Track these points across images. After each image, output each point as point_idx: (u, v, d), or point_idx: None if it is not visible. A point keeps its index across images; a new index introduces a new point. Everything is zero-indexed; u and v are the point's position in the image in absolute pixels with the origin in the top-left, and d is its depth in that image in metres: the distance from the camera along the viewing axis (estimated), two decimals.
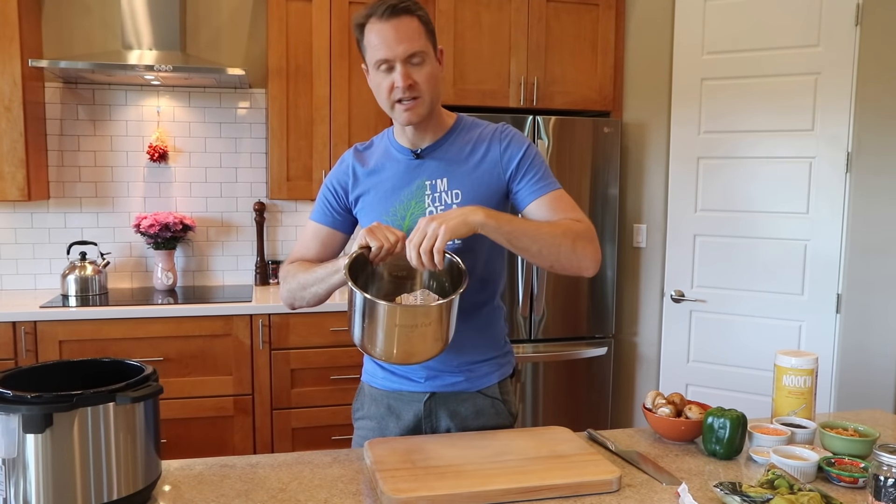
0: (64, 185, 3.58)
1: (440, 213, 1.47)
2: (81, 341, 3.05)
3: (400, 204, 1.67)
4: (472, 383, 1.73)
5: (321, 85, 3.46)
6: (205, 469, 1.46)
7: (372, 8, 1.57)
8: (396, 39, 1.54)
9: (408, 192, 1.67)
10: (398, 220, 1.66)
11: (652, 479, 1.43)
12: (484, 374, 1.74)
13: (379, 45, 1.55)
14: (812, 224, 3.19)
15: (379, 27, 1.55)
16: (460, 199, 1.64)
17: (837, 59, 3.09)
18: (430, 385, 1.71)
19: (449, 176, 1.66)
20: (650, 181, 3.70)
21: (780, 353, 1.70)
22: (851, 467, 1.42)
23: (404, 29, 1.55)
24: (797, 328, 3.25)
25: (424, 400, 1.71)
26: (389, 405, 1.73)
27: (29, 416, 1.15)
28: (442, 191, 1.66)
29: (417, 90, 1.57)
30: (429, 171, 1.67)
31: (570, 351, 3.62)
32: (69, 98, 3.55)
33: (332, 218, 1.77)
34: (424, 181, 1.67)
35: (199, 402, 3.18)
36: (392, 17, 1.54)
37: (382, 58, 1.55)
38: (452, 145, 1.69)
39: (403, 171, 1.69)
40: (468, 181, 1.66)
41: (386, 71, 1.57)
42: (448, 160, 1.68)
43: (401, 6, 1.55)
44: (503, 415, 1.77)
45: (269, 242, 3.82)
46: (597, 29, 3.65)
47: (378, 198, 1.70)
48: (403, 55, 1.54)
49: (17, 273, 3.56)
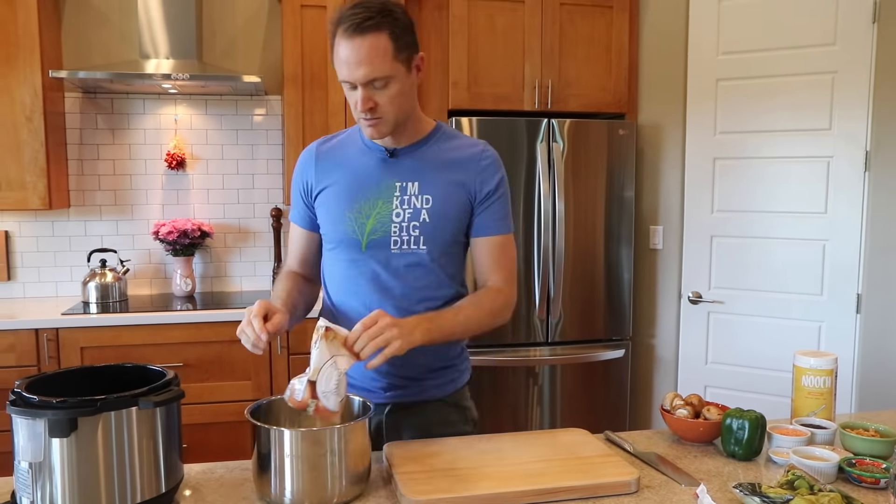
0: (84, 194, 3.62)
1: (398, 321, 1.41)
2: (102, 347, 3.09)
3: (366, 201, 1.61)
4: (433, 392, 1.70)
5: (336, 91, 3.48)
6: (226, 473, 1.47)
7: (342, 14, 1.47)
8: (357, 62, 1.45)
9: (375, 191, 1.61)
10: (362, 217, 1.61)
11: (671, 481, 1.42)
12: (447, 381, 1.73)
13: (341, 63, 1.48)
14: (831, 224, 3.16)
15: (344, 44, 1.46)
16: (430, 204, 1.61)
17: (854, 58, 3.07)
18: (391, 396, 1.68)
19: (421, 180, 1.61)
20: (666, 183, 3.69)
21: (799, 354, 1.69)
22: (873, 468, 1.41)
23: (367, 50, 1.45)
24: (817, 329, 3.23)
25: (385, 412, 1.68)
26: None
27: (54, 421, 1.17)
28: (412, 194, 1.61)
29: (379, 112, 1.51)
30: (400, 172, 1.62)
31: (588, 353, 3.61)
32: (88, 107, 3.60)
33: (308, 219, 1.73)
34: (395, 181, 1.62)
35: (218, 406, 3.20)
36: (356, 34, 1.44)
37: (344, 79, 1.49)
38: (428, 150, 1.65)
39: (373, 168, 1.63)
40: (440, 189, 1.62)
41: (350, 89, 1.51)
42: (422, 164, 1.63)
43: (367, 23, 1.44)
44: (466, 421, 1.76)
45: (286, 248, 3.84)
46: (611, 31, 3.65)
47: (342, 192, 1.63)
48: (363, 80, 1.47)
49: (39, 281, 3.60)
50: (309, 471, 1.27)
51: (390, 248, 1.61)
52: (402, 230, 1.60)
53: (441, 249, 1.63)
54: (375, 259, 1.62)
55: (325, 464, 1.28)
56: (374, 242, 1.61)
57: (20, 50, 3.15)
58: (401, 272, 1.62)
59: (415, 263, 1.62)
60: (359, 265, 1.63)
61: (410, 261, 1.62)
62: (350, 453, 1.30)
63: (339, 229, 1.63)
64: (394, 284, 1.62)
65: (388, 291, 1.63)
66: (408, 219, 1.60)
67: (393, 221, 1.60)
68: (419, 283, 1.63)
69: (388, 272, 1.62)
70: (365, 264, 1.63)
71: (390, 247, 1.61)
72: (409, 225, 1.60)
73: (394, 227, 1.60)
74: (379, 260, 1.62)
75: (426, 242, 1.61)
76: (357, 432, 1.32)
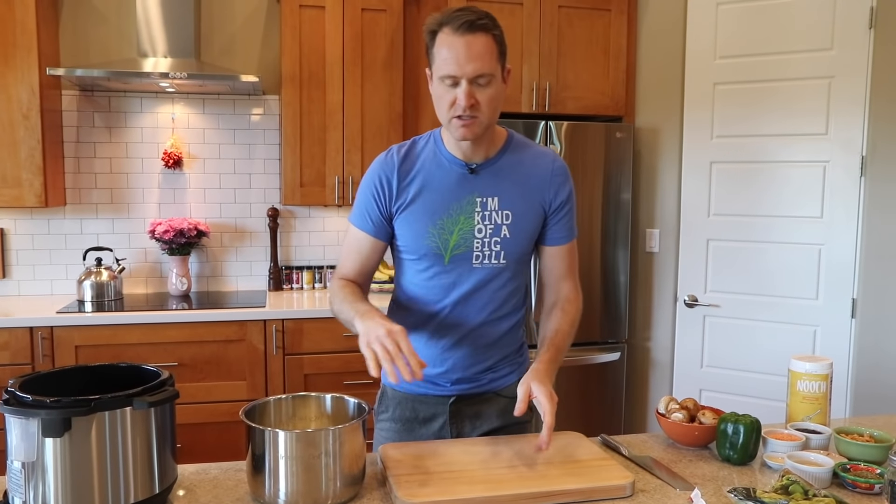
0: (80, 192, 3.62)
1: (552, 391, 1.50)
2: (97, 346, 3.08)
3: (448, 217, 1.64)
4: (495, 384, 1.77)
5: (334, 91, 3.48)
6: (220, 473, 1.47)
7: (448, 17, 1.53)
8: (467, 57, 1.50)
9: (457, 206, 1.64)
10: (445, 233, 1.64)
11: (665, 485, 1.42)
12: (505, 374, 1.78)
13: (448, 59, 1.51)
14: (827, 228, 3.17)
15: (451, 40, 1.51)
16: (510, 220, 1.67)
17: (851, 63, 3.08)
18: (456, 388, 1.74)
19: (500, 195, 1.66)
20: (663, 186, 3.69)
21: (794, 358, 1.69)
22: (867, 473, 1.42)
23: (477, 47, 1.51)
24: (812, 333, 3.23)
25: (450, 403, 1.74)
26: (415, 408, 1.75)
27: (48, 421, 1.17)
28: (493, 209, 1.65)
29: (477, 110, 1.54)
30: (480, 188, 1.66)
31: (584, 356, 3.61)
32: (85, 105, 3.59)
33: (373, 225, 1.69)
34: (475, 197, 1.65)
35: (213, 406, 3.20)
36: (467, 32, 1.51)
37: (450, 74, 1.52)
38: (505, 164, 1.68)
39: (455, 184, 1.65)
40: (519, 204, 1.67)
41: (450, 85, 1.53)
42: (500, 179, 1.67)
43: (479, 22, 1.51)
44: (525, 412, 1.79)
45: (282, 248, 3.84)
46: (609, 34, 3.65)
47: (425, 207, 1.65)
48: (472, 75, 1.51)
49: (34, 279, 3.59)
50: (303, 472, 1.27)
51: (472, 262, 1.67)
52: (484, 245, 1.66)
53: (517, 260, 1.71)
54: (457, 272, 1.68)
55: (320, 465, 1.27)
56: (457, 257, 1.66)
57: (18, 48, 3.15)
58: (480, 283, 1.69)
59: (494, 275, 1.69)
60: (440, 277, 1.68)
61: (490, 273, 1.68)
62: (344, 455, 1.30)
63: (422, 244, 1.66)
64: (472, 293, 1.69)
65: (466, 299, 1.69)
66: (489, 234, 1.66)
67: (475, 237, 1.65)
68: (496, 293, 1.70)
69: (469, 283, 1.68)
70: (447, 276, 1.68)
71: (472, 261, 1.67)
72: (490, 241, 1.66)
73: (476, 243, 1.65)
74: (460, 272, 1.68)
75: (506, 257, 1.68)
76: (352, 434, 1.32)
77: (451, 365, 1.72)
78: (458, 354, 1.71)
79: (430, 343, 1.72)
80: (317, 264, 3.89)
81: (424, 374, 1.71)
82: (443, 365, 1.72)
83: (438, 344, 1.72)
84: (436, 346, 1.72)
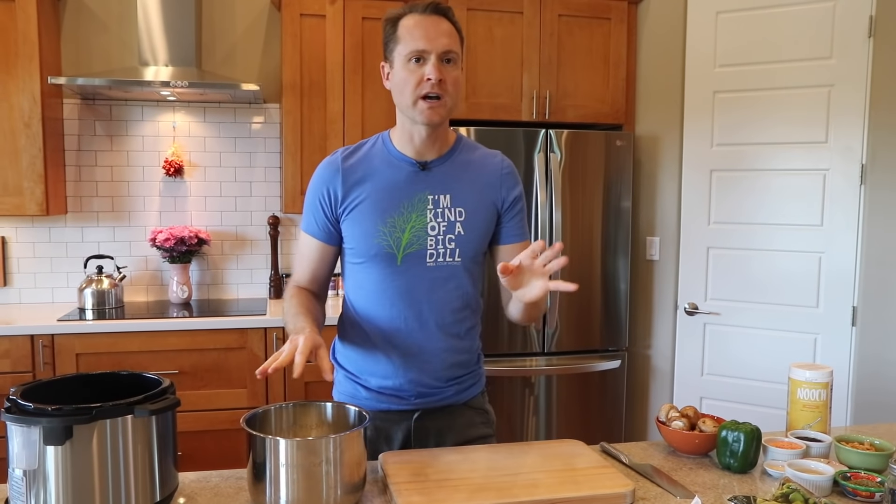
0: (81, 200, 3.62)
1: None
2: (98, 354, 3.08)
3: (399, 215, 1.62)
4: (459, 396, 1.75)
5: (335, 100, 3.49)
6: (221, 481, 1.47)
7: (410, 7, 1.58)
8: (437, 32, 1.54)
9: (408, 204, 1.63)
10: (396, 231, 1.62)
11: (666, 493, 1.42)
12: (469, 385, 1.77)
13: (418, 36, 1.54)
14: (827, 236, 3.17)
15: (419, 19, 1.56)
16: (464, 217, 1.65)
17: (851, 72, 3.09)
18: (421, 402, 1.71)
19: (452, 193, 1.65)
20: (663, 194, 3.70)
21: (794, 367, 1.70)
22: (867, 481, 1.42)
23: (445, 27, 1.56)
24: (812, 341, 3.23)
25: (414, 418, 1.71)
26: (376, 426, 1.71)
27: (49, 429, 1.17)
28: (445, 206, 1.64)
29: (444, 89, 1.55)
30: (432, 185, 1.65)
31: (584, 364, 3.61)
32: (87, 114, 3.60)
33: (321, 230, 1.68)
34: (427, 194, 1.64)
35: (214, 414, 3.20)
36: (434, 13, 1.56)
37: (420, 48, 1.54)
38: (455, 162, 1.69)
39: (405, 181, 1.64)
40: (471, 200, 1.67)
41: (417, 63, 1.54)
42: (452, 176, 1.67)
43: (443, 6, 1.58)
44: (488, 424, 1.81)
45: (283, 256, 3.85)
46: (608, 42, 3.66)
47: (374, 206, 1.62)
48: (441, 49, 1.54)
49: (35, 287, 3.60)
50: (304, 480, 1.27)
51: (426, 261, 1.64)
52: (438, 243, 1.63)
53: (472, 259, 1.69)
54: (410, 272, 1.64)
55: (321, 473, 1.27)
56: (410, 256, 1.63)
57: (19, 56, 3.16)
58: (436, 283, 1.65)
59: (449, 275, 1.66)
60: (393, 279, 1.64)
61: (445, 273, 1.65)
62: (345, 463, 1.30)
63: (371, 244, 1.62)
64: (426, 295, 1.65)
65: (420, 302, 1.65)
66: (443, 231, 1.64)
67: (428, 234, 1.63)
68: (451, 294, 1.67)
69: (423, 284, 1.65)
70: (399, 277, 1.64)
71: (426, 260, 1.63)
72: (444, 238, 1.64)
73: (430, 241, 1.63)
74: (414, 273, 1.64)
75: (461, 254, 1.65)
76: (352, 442, 1.32)
77: (413, 375, 1.68)
78: (419, 363, 1.68)
79: (389, 354, 1.68)
80: None
81: (386, 388, 1.69)
82: (405, 375, 1.68)
83: (398, 353, 1.67)
84: (395, 357, 1.68)
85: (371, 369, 1.71)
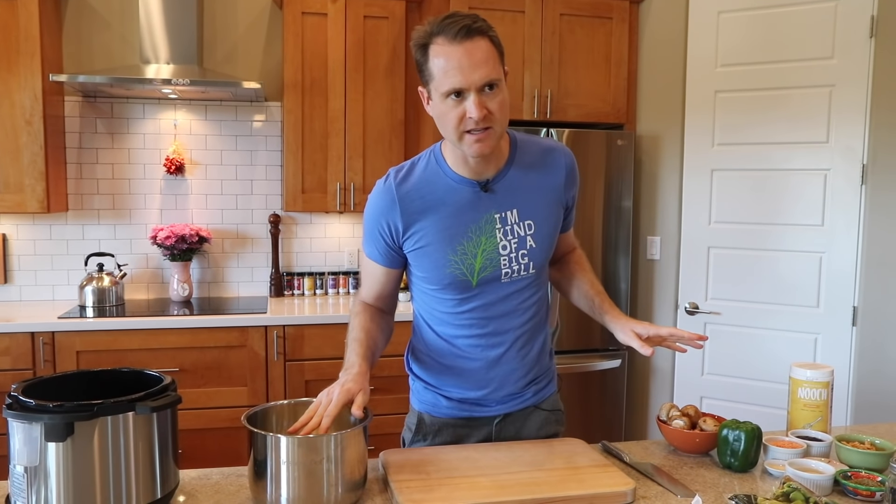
0: (82, 198, 3.63)
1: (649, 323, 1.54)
2: (98, 352, 3.08)
3: (468, 241, 1.55)
4: (537, 396, 1.75)
5: (336, 98, 3.49)
6: (221, 479, 1.47)
7: (438, 26, 1.40)
8: (472, 66, 1.38)
9: (476, 228, 1.55)
10: (468, 258, 1.55)
11: (666, 492, 1.42)
12: (545, 384, 1.78)
13: (451, 71, 1.38)
14: (827, 236, 3.17)
15: (450, 51, 1.38)
16: (533, 230, 1.59)
17: (852, 72, 3.09)
18: (503, 407, 1.70)
19: (518, 206, 1.57)
20: (664, 193, 3.70)
21: (795, 366, 1.70)
22: (868, 481, 1.42)
23: (479, 53, 1.39)
24: (813, 340, 3.23)
25: (496, 422, 1.71)
26: (457, 433, 1.70)
27: (51, 425, 1.17)
28: (513, 223, 1.57)
29: (491, 120, 1.42)
30: (496, 203, 1.56)
31: (584, 363, 3.61)
32: (88, 112, 3.60)
33: (386, 257, 1.62)
34: (493, 214, 1.56)
35: (214, 412, 3.20)
36: (466, 39, 1.38)
37: (456, 87, 1.39)
38: (516, 172, 1.59)
39: (468, 205, 1.54)
40: (539, 209, 1.60)
41: (456, 100, 1.41)
42: (514, 189, 1.58)
43: (475, 26, 1.39)
44: (560, 422, 1.81)
45: (283, 254, 3.85)
46: (610, 42, 3.66)
47: (441, 235, 1.54)
48: (479, 83, 1.39)
49: (35, 284, 3.60)
50: (305, 478, 1.27)
51: (501, 279, 1.59)
52: (512, 261, 1.58)
53: (544, 265, 1.67)
54: (486, 292, 1.60)
55: (322, 471, 1.27)
56: (485, 279, 1.58)
57: (21, 54, 3.16)
58: (511, 297, 1.62)
59: (524, 286, 1.64)
60: (469, 301, 1.61)
61: (520, 286, 1.63)
62: (346, 461, 1.30)
63: (444, 274, 1.56)
64: (502, 310, 1.63)
65: (497, 318, 1.63)
66: (515, 249, 1.58)
67: (501, 255, 1.57)
68: (526, 303, 1.65)
69: (499, 301, 1.62)
70: (476, 299, 1.60)
71: (501, 279, 1.59)
72: (517, 255, 1.59)
73: (503, 261, 1.58)
74: (489, 292, 1.60)
75: (535, 266, 1.62)
76: (353, 440, 1.32)
77: (497, 384, 1.66)
78: (502, 371, 1.66)
79: (469, 369, 1.66)
80: (318, 271, 3.89)
81: (468, 398, 1.68)
82: (488, 386, 1.66)
83: (478, 368, 1.65)
84: (476, 372, 1.66)
85: (452, 381, 1.68)
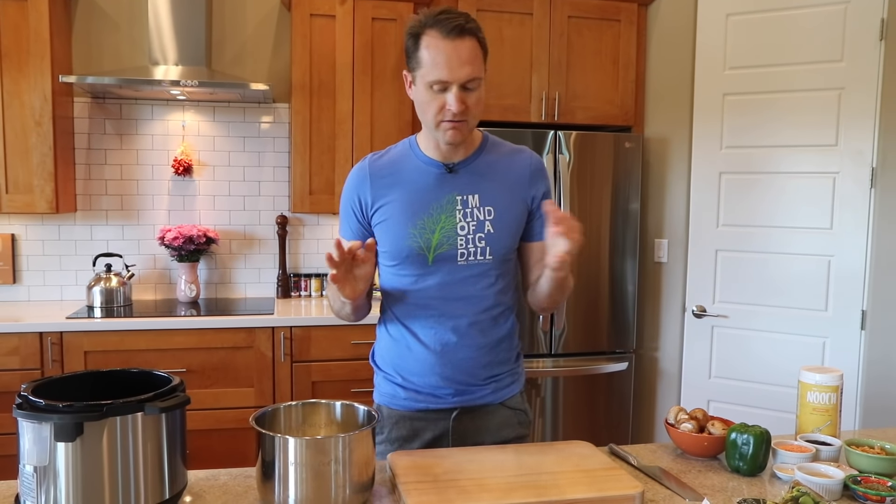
0: (91, 199, 3.64)
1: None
2: (106, 352, 3.09)
3: (429, 217, 1.65)
4: (498, 395, 1.75)
5: (344, 100, 3.50)
6: (229, 479, 1.47)
7: (433, 20, 1.53)
8: (459, 63, 1.51)
9: (437, 206, 1.65)
10: (427, 232, 1.64)
11: (675, 495, 1.42)
12: (507, 384, 1.77)
13: (439, 64, 1.51)
14: (836, 239, 3.16)
15: (441, 45, 1.51)
16: (493, 215, 1.67)
17: (861, 75, 3.08)
18: (459, 400, 1.72)
19: (480, 192, 1.67)
20: (672, 196, 3.69)
21: (804, 370, 1.69)
22: (878, 486, 1.41)
23: (467, 52, 1.52)
24: (821, 344, 3.22)
25: (452, 417, 1.72)
26: (413, 426, 1.72)
27: (60, 425, 1.17)
28: (474, 206, 1.66)
29: (467, 114, 1.56)
30: (459, 186, 1.67)
31: (591, 366, 3.61)
32: (97, 113, 3.61)
33: (358, 236, 1.72)
34: (455, 195, 1.66)
35: (221, 413, 3.20)
36: (457, 37, 1.51)
37: (441, 79, 1.52)
38: (482, 162, 1.70)
39: (433, 184, 1.67)
40: (500, 199, 1.68)
41: (438, 91, 1.54)
42: (479, 176, 1.68)
43: (467, 26, 1.52)
44: (524, 424, 1.81)
45: (291, 255, 3.85)
46: (618, 44, 3.66)
47: (403, 209, 1.66)
48: (463, 80, 1.52)
49: (44, 284, 3.61)
50: (313, 479, 1.27)
51: (457, 260, 1.66)
52: (468, 242, 1.66)
53: (503, 257, 1.70)
54: (442, 272, 1.67)
55: (329, 472, 1.28)
56: (441, 256, 1.65)
57: (31, 55, 3.18)
58: (467, 282, 1.67)
59: (480, 273, 1.68)
60: (425, 279, 1.67)
61: (476, 271, 1.67)
62: (354, 462, 1.30)
63: (402, 245, 1.65)
64: (459, 294, 1.68)
65: (453, 301, 1.68)
66: (472, 231, 1.66)
67: (458, 234, 1.65)
68: (484, 292, 1.69)
69: (455, 283, 1.67)
70: (431, 277, 1.67)
71: (457, 259, 1.66)
72: (474, 237, 1.66)
73: (460, 241, 1.65)
74: (446, 272, 1.67)
75: (491, 252, 1.67)
76: (361, 441, 1.32)
77: (449, 374, 1.69)
78: (454, 361, 1.69)
79: (425, 352, 1.70)
80: (325, 272, 3.89)
81: (424, 386, 1.71)
82: (441, 374, 1.69)
83: (433, 352, 1.69)
84: (431, 355, 1.69)
85: (409, 368, 1.72)
